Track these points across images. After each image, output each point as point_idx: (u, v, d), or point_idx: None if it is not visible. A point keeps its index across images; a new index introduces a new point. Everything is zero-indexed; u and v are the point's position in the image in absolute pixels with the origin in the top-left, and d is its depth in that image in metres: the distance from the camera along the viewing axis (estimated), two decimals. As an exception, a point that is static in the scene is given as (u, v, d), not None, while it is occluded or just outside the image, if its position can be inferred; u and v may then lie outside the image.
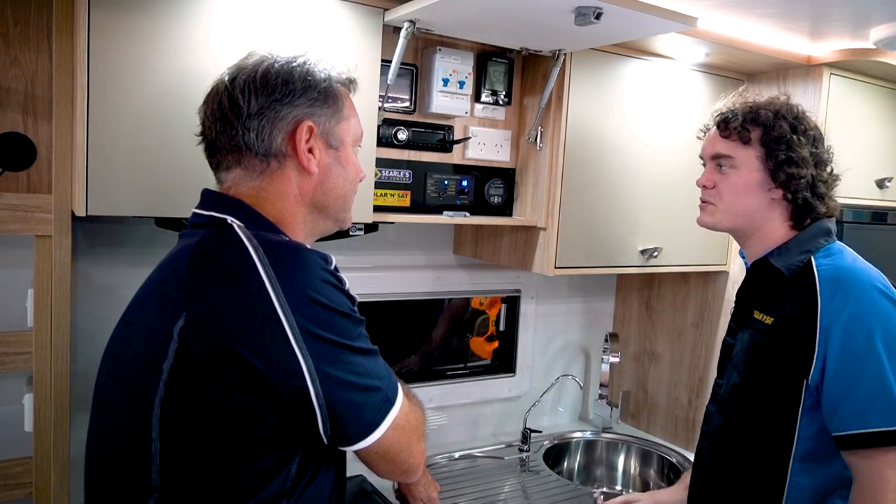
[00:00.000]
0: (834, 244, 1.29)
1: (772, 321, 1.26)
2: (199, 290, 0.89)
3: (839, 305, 1.18)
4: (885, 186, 2.10)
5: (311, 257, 0.92)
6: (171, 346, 0.88)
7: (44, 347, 1.40)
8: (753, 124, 1.30)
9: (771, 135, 1.28)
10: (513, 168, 1.86)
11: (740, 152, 1.31)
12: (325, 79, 1.03)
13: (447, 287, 2.08)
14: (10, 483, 1.46)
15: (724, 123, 1.34)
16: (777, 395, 1.25)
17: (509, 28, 1.54)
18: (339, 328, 0.91)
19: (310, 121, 1.00)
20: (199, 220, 1.00)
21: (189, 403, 0.88)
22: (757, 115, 1.30)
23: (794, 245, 1.29)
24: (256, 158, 0.99)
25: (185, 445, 0.90)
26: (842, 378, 1.17)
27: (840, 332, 1.17)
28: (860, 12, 1.56)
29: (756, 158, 1.29)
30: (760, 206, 1.30)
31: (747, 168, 1.30)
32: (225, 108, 0.98)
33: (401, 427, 0.97)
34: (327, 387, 0.89)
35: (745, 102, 1.34)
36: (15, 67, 1.44)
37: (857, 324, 1.17)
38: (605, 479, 2.24)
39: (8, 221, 1.37)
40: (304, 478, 0.95)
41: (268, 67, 0.99)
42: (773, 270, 1.28)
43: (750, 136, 1.30)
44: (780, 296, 1.27)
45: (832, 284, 1.21)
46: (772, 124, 1.29)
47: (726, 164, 1.33)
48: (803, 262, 1.26)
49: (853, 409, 1.16)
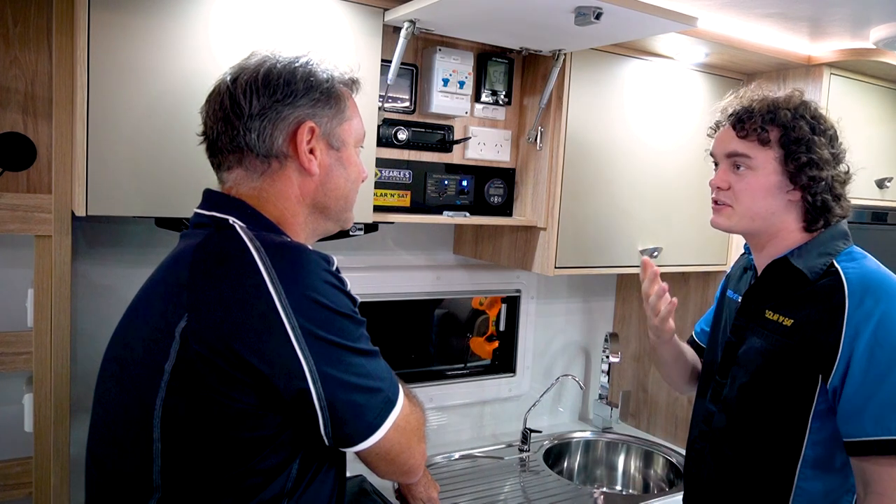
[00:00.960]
0: (853, 248, 1.26)
1: (791, 323, 1.23)
2: (201, 291, 0.89)
3: (868, 310, 1.15)
4: (885, 186, 2.10)
5: (312, 258, 0.92)
6: (172, 347, 0.88)
7: (44, 347, 1.40)
8: (772, 124, 1.25)
9: (791, 136, 1.23)
10: (513, 168, 1.86)
11: (759, 153, 1.26)
12: (327, 79, 1.02)
13: (447, 287, 2.08)
14: (10, 483, 1.46)
15: (740, 122, 1.28)
16: (789, 398, 1.23)
17: (509, 28, 1.54)
18: (340, 329, 0.91)
19: (311, 121, 0.99)
20: (201, 221, 0.99)
21: (190, 404, 0.88)
22: (775, 115, 1.25)
23: (814, 247, 1.25)
24: (258, 159, 0.99)
25: (186, 446, 0.90)
26: (865, 383, 1.14)
27: (868, 336, 1.14)
28: (860, 12, 1.56)
29: (775, 160, 1.25)
30: (778, 208, 1.26)
31: (765, 170, 1.25)
32: (227, 108, 0.98)
33: (401, 428, 0.97)
34: (329, 388, 0.89)
35: (763, 100, 1.28)
36: (15, 67, 1.44)
37: (886, 329, 1.14)
38: (605, 479, 2.24)
39: (8, 221, 1.37)
40: (305, 478, 0.95)
41: (269, 68, 0.99)
42: (793, 272, 1.25)
43: (769, 136, 1.25)
44: (800, 298, 1.24)
45: (861, 288, 1.18)
46: (791, 125, 1.24)
47: (743, 165, 1.28)
48: (826, 265, 1.23)
49: (874, 414, 1.13)
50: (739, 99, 1.32)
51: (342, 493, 1.06)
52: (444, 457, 2.02)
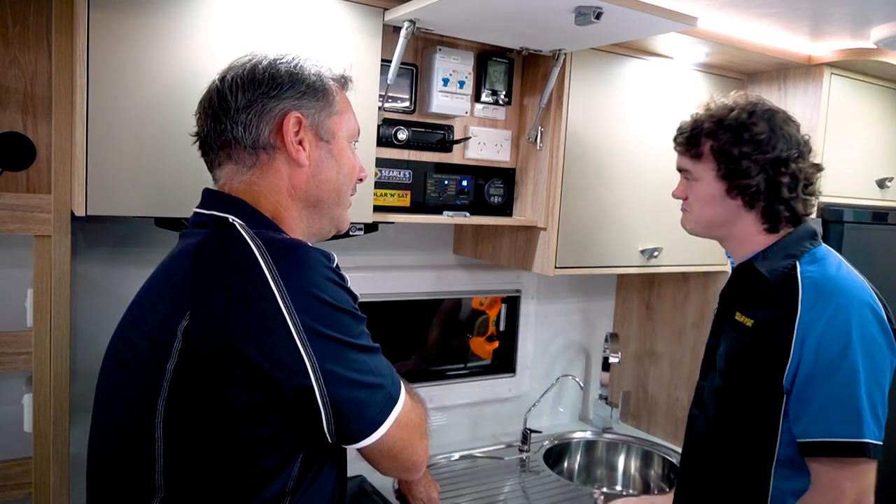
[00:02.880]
0: (819, 248, 1.28)
1: (752, 323, 1.26)
2: (203, 290, 0.89)
3: (819, 313, 1.18)
4: (885, 186, 2.09)
5: (313, 255, 0.92)
6: (174, 346, 0.88)
7: (43, 347, 1.40)
8: (701, 137, 1.31)
9: (716, 146, 1.28)
10: (513, 168, 1.86)
11: (695, 166, 1.33)
12: (314, 73, 1.04)
13: (447, 287, 2.08)
14: (9, 483, 1.45)
15: (677, 138, 1.36)
16: (757, 400, 1.25)
17: (509, 28, 1.53)
18: (342, 326, 0.91)
19: (297, 112, 1.00)
20: (201, 220, 1.00)
21: (193, 403, 0.88)
22: (700, 128, 1.31)
23: (780, 249, 1.28)
24: (245, 151, 1.00)
25: (188, 445, 0.90)
26: (810, 384, 1.17)
27: (816, 338, 1.17)
28: (860, 12, 1.55)
29: (710, 170, 1.30)
30: (728, 214, 1.30)
31: (705, 180, 1.31)
32: (214, 104, 1.00)
33: (404, 424, 0.97)
34: (331, 384, 0.89)
35: (696, 113, 1.34)
36: (14, 67, 1.44)
37: (833, 332, 1.16)
38: (605, 480, 2.24)
39: (7, 221, 1.36)
40: (307, 477, 0.96)
41: (255, 64, 1.01)
42: (756, 274, 1.28)
43: (701, 149, 1.31)
44: (763, 299, 1.27)
45: (815, 292, 1.20)
46: (715, 135, 1.29)
47: (689, 178, 1.35)
48: (788, 268, 1.25)
49: (816, 415, 1.16)
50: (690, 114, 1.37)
51: (343, 490, 1.06)
52: (444, 457, 2.02)
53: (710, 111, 1.33)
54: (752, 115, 1.28)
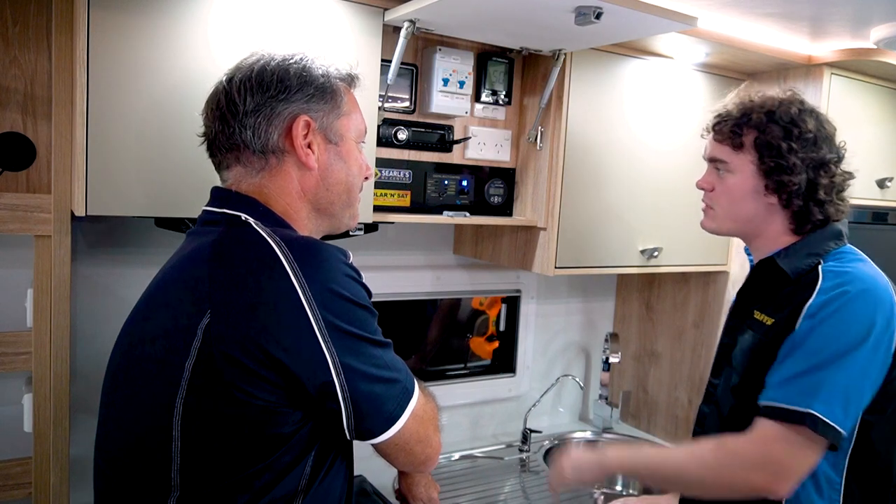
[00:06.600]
0: (846, 247, 1.25)
1: (772, 322, 1.23)
2: (224, 287, 0.89)
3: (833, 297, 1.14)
4: (885, 186, 2.09)
5: (332, 252, 0.93)
6: (194, 345, 0.87)
7: (43, 348, 1.40)
8: (746, 127, 1.25)
9: (762, 140, 1.23)
10: (513, 168, 1.86)
11: (734, 157, 1.27)
12: (322, 75, 1.03)
13: (447, 287, 2.08)
14: (9, 483, 1.45)
15: (717, 126, 1.30)
16: None
17: (509, 28, 1.53)
18: (360, 321, 0.92)
19: (306, 115, 1.00)
20: (212, 218, 1.00)
21: (212, 402, 0.88)
22: (749, 119, 1.25)
23: (802, 247, 1.25)
24: (254, 155, 1.00)
25: (206, 444, 0.89)
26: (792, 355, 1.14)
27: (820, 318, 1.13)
28: (860, 12, 1.55)
29: (751, 163, 1.25)
30: (758, 211, 1.27)
31: (742, 173, 1.26)
32: (223, 106, 0.99)
33: (419, 417, 0.98)
34: (351, 380, 0.90)
35: (742, 102, 1.29)
36: (14, 67, 1.44)
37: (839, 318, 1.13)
38: (605, 480, 2.24)
39: (7, 221, 1.36)
40: (320, 474, 0.96)
41: (263, 66, 1.00)
42: (778, 271, 1.25)
43: (742, 140, 1.25)
44: (784, 298, 1.23)
45: (834, 280, 1.17)
46: (763, 128, 1.24)
47: (722, 169, 1.29)
48: (811, 266, 1.22)
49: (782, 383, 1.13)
50: (725, 102, 1.32)
51: (351, 487, 1.08)
52: (444, 457, 2.02)
53: (755, 102, 1.26)
54: (802, 111, 1.24)
